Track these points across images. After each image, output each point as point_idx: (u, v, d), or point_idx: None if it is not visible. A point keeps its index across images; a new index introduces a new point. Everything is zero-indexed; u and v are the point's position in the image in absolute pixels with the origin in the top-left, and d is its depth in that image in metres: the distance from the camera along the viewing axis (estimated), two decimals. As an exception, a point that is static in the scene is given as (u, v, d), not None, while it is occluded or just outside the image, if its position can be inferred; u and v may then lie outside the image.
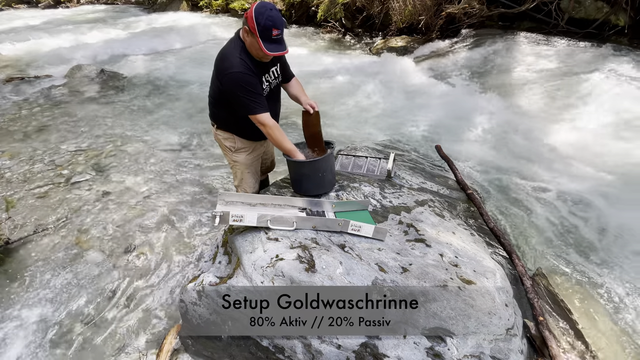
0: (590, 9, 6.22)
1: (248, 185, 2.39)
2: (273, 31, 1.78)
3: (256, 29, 1.77)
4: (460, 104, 4.97)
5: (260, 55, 1.89)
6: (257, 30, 1.77)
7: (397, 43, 7.53)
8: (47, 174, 3.67)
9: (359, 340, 1.45)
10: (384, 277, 1.56)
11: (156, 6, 14.64)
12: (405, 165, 2.88)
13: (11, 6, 17.06)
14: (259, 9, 1.77)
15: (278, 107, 2.26)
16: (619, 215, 2.93)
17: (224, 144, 2.30)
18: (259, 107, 1.93)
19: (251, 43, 1.86)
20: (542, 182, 3.40)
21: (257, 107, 1.93)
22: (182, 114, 5.17)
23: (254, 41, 1.83)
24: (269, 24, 1.76)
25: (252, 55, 1.92)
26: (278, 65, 2.13)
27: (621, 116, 4.14)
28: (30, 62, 7.62)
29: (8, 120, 4.92)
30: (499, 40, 6.55)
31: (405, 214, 2.09)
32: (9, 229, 2.90)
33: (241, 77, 1.87)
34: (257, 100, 1.92)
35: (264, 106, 1.95)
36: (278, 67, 2.13)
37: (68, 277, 2.52)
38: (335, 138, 4.09)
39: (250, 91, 1.90)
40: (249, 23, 1.79)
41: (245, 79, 1.88)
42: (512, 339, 1.51)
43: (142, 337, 2.13)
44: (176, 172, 3.73)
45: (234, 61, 1.89)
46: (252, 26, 1.78)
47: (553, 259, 2.57)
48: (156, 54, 8.05)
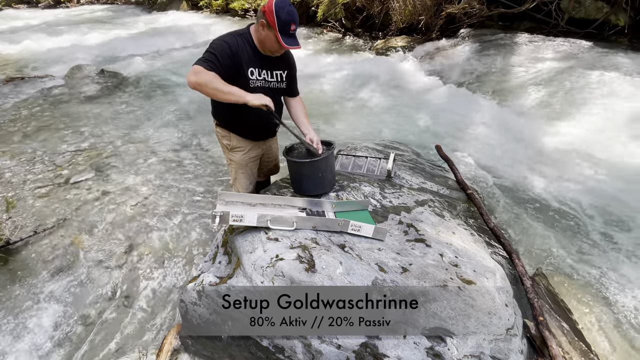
0: (590, 9, 6.22)
1: (241, 185, 2.37)
2: (292, 26, 1.81)
3: (276, 23, 1.78)
4: (460, 103, 4.97)
5: (275, 48, 1.90)
6: (277, 24, 1.78)
7: (397, 43, 7.53)
8: (47, 174, 3.67)
9: (359, 340, 1.45)
10: (384, 277, 1.56)
11: (156, 6, 14.65)
12: (405, 165, 2.88)
13: (11, 6, 17.07)
14: (280, 4, 1.78)
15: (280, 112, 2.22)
16: (619, 215, 2.93)
17: (222, 141, 2.29)
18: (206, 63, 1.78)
19: (266, 36, 1.86)
20: (542, 182, 3.40)
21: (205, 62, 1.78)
22: (182, 114, 5.17)
23: (271, 34, 1.83)
24: (289, 19, 1.79)
25: (262, 47, 1.93)
26: (286, 72, 2.10)
27: (621, 116, 4.15)
28: (30, 62, 7.63)
29: (8, 121, 4.92)
30: (499, 40, 6.56)
31: (405, 214, 2.09)
32: (9, 230, 2.90)
33: (219, 42, 1.87)
34: (211, 58, 1.79)
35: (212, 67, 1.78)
36: (285, 73, 2.10)
37: (68, 277, 2.52)
38: (335, 138, 4.09)
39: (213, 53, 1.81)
40: (268, 17, 1.80)
41: (220, 44, 1.85)
42: (512, 339, 1.51)
43: (142, 337, 2.13)
44: (176, 172, 3.73)
45: (227, 35, 1.91)
46: (272, 20, 1.79)
47: (553, 259, 2.57)
48: (156, 54, 8.06)
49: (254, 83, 1.99)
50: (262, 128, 2.22)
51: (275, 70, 2.06)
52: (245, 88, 1.90)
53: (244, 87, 1.90)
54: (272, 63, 2.03)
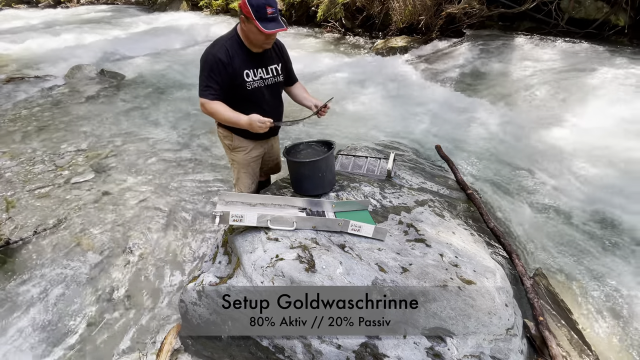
0: (590, 9, 6.22)
1: (244, 185, 2.38)
2: (267, 9, 1.77)
3: (250, 12, 1.77)
4: (460, 103, 4.97)
5: (261, 40, 1.88)
6: (252, 12, 1.77)
7: (397, 43, 7.52)
8: (47, 174, 3.67)
9: (359, 340, 1.45)
10: (384, 277, 1.56)
11: (156, 6, 14.65)
12: (405, 165, 2.88)
13: (11, 6, 17.07)
14: None
15: (277, 112, 2.21)
16: (619, 215, 2.93)
17: (224, 141, 2.30)
18: (207, 91, 1.93)
19: (249, 29, 1.85)
20: (542, 182, 3.40)
21: (206, 91, 1.93)
22: (182, 113, 5.17)
23: (251, 26, 1.81)
24: (262, 2, 1.77)
25: (250, 44, 1.93)
26: (280, 65, 2.11)
27: (621, 116, 4.14)
28: (30, 62, 7.62)
29: (8, 121, 4.92)
30: (499, 40, 6.56)
31: (405, 214, 2.09)
32: (9, 230, 2.90)
33: (211, 58, 1.89)
34: (210, 85, 1.92)
35: (215, 94, 1.94)
36: (280, 66, 2.11)
37: (68, 277, 2.52)
38: (335, 138, 4.09)
39: (210, 76, 1.90)
40: (243, 9, 1.80)
41: (213, 60, 1.88)
42: (512, 339, 1.51)
43: (142, 337, 2.13)
44: (176, 172, 3.73)
45: (216, 45, 1.92)
46: (247, 10, 1.78)
47: (553, 259, 2.57)
48: (156, 54, 8.06)
49: (251, 85, 2.00)
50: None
51: (270, 65, 2.06)
52: (243, 91, 1.98)
53: (241, 91, 1.98)
54: (266, 59, 2.03)
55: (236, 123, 1.96)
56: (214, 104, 1.94)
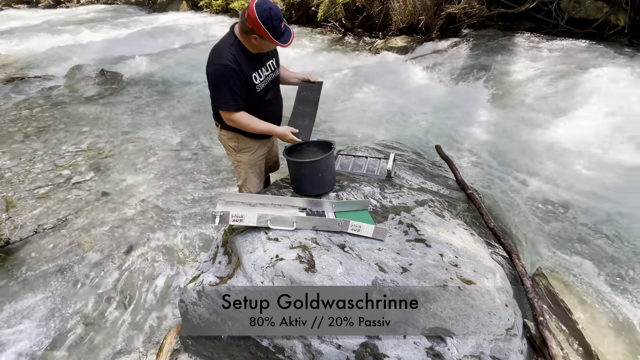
0: (590, 9, 6.22)
1: (252, 185, 2.38)
2: (281, 26, 1.82)
3: (267, 32, 1.78)
4: (460, 104, 4.97)
5: (271, 48, 1.97)
6: (270, 33, 1.79)
7: (397, 43, 7.52)
8: (47, 174, 3.67)
9: (359, 340, 1.45)
10: (384, 277, 1.56)
11: (156, 6, 14.63)
12: (405, 165, 2.88)
13: (11, 6, 17.05)
14: (262, 13, 1.76)
15: (280, 104, 2.25)
16: (619, 215, 2.93)
17: (228, 144, 2.29)
18: (232, 103, 1.95)
19: (263, 44, 1.89)
20: (542, 182, 3.40)
21: (231, 103, 1.95)
22: (182, 114, 5.17)
23: (267, 42, 1.85)
24: (277, 22, 1.79)
25: (253, 48, 1.94)
26: (274, 59, 2.14)
27: (621, 116, 4.14)
28: (30, 62, 7.63)
29: (8, 121, 4.92)
30: (499, 40, 6.56)
31: (405, 214, 2.09)
32: (9, 229, 2.91)
33: (224, 69, 1.89)
34: (232, 97, 1.93)
35: (238, 105, 1.97)
36: (274, 60, 2.14)
37: (68, 277, 2.52)
38: (335, 138, 4.09)
39: (230, 87, 1.91)
40: (258, 31, 1.80)
41: (227, 71, 1.88)
42: (512, 339, 1.51)
43: (142, 337, 2.13)
44: (176, 172, 3.73)
45: (222, 54, 1.91)
46: (263, 32, 1.79)
47: (553, 259, 2.57)
48: (156, 54, 8.05)
49: (260, 86, 2.04)
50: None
51: (267, 62, 2.09)
52: (254, 93, 2.02)
53: (253, 93, 2.02)
54: (264, 58, 2.06)
55: (269, 132, 2.07)
56: (241, 115, 1.99)
